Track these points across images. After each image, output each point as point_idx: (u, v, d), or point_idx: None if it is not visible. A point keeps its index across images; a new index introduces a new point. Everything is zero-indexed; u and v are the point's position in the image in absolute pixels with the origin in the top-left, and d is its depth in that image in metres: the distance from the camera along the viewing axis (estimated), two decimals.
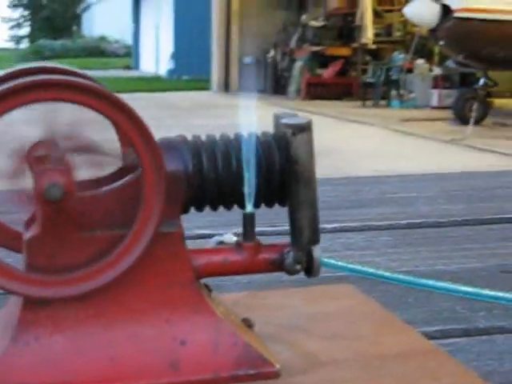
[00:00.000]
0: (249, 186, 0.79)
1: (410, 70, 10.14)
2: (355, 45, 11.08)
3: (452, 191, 1.78)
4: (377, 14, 11.28)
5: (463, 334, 0.95)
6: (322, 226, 0.81)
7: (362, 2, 10.99)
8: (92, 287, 0.75)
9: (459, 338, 0.95)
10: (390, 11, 11.49)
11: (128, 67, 14.90)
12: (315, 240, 0.79)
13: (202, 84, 12.15)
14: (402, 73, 10.33)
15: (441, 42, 9.19)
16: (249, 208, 0.80)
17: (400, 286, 1.10)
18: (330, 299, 1.01)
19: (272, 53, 11.66)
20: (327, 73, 10.98)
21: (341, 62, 11.16)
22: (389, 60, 10.72)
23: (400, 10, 11.29)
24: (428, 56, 10.80)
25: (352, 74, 11.15)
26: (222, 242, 0.88)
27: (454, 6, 8.65)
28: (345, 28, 11.42)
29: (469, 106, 8.08)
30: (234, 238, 0.87)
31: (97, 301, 0.77)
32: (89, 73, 0.84)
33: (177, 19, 12.98)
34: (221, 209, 0.83)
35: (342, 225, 1.47)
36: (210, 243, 0.89)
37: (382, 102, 10.07)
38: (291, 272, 0.80)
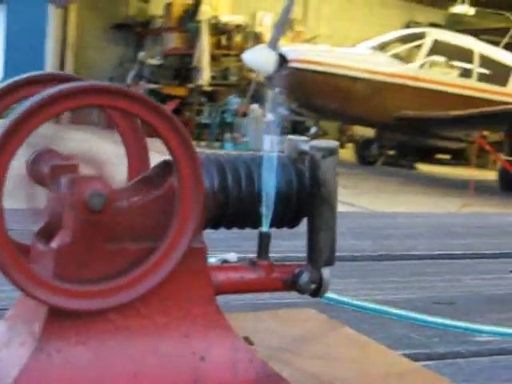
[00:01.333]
0: (267, 206, 0.81)
1: (244, 114, 10.40)
2: (191, 85, 11.24)
3: (354, 228, 1.86)
4: (214, 57, 11.51)
5: (427, 358, 1.01)
6: None
7: (199, 45, 11.18)
8: (122, 300, 0.74)
9: (425, 361, 1.00)
10: (227, 55, 11.77)
11: None
12: (332, 261, 0.82)
13: None
14: (236, 116, 10.57)
15: (276, 90, 9.52)
16: (265, 227, 0.82)
17: (350, 313, 1.14)
18: (301, 322, 1.03)
19: None
20: None
21: (176, 101, 11.26)
22: (224, 103, 10.95)
23: (237, 55, 11.62)
24: (262, 101, 11.12)
25: (187, 114, 11.28)
26: (225, 261, 0.89)
27: (290, 56, 9.02)
28: (182, 68, 11.56)
29: None
30: (236, 257, 0.88)
31: (120, 314, 0.75)
32: None
33: (8, 47, 12.58)
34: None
35: None
36: (213, 262, 0.90)
37: (216, 144, 10.22)
38: (304, 291, 0.82)
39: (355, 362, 0.91)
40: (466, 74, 9.69)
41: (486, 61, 9.65)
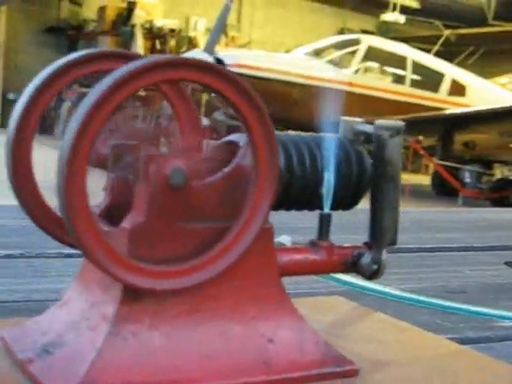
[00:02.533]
0: (328, 187, 0.80)
1: None
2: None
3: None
4: None
5: (461, 343, 1.01)
6: None
7: (133, 48, 11.10)
8: (197, 281, 0.72)
9: (461, 345, 1.00)
10: None
11: None
12: (395, 241, 0.82)
13: None
14: (171, 121, 10.51)
15: (213, 94, 9.49)
16: (326, 208, 0.81)
17: (371, 300, 1.15)
18: (333, 309, 1.03)
19: None
20: None
21: None
22: (159, 107, 10.88)
23: None
24: (196, 106, 11.09)
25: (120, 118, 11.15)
26: (281, 244, 0.87)
27: (226, 61, 9.02)
28: None
29: None
30: (289, 239, 0.87)
31: (191, 296, 0.74)
32: None
33: None
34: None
35: None
36: None
37: None
38: (367, 272, 0.82)
39: (401, 344, 0.91)
40: (399, 80, 9.86)
41: (418, 67, 9.83)
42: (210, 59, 8.95)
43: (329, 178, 0.80)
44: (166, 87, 0.84)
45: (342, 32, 12.95)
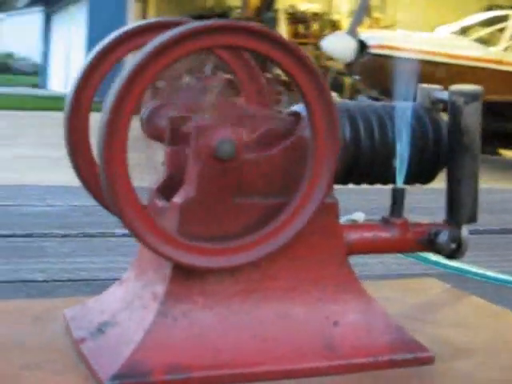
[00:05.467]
0: (401, 160, 0.74)
1: None
2: (268, 75, 11.16)
3: None
4: None
5: None
6: None
7: None
8: (251, 259, 0.68)
9: None
10: (305, 44, 11.63)
11: (36, 85, 14.37)
12: (474, 217, 0.75)
13: None
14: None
15: (356, 77, 9.37)
16: (399, 182, 0.75)
17: (471, 284, 1.07)
18: (424, 291, 0.97)
19: None
20: None
21: None
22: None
23: (314, 44, 11.49)
24: (340, 90, 10.96)
25: None
26: (353, 221, 0.82)
27: (370, 42, 8.84)
28: (257, 59, 11.51)
29: None
30: (363, 216, 0.82)
31: (248, 275, 0.70)
32: None
33: (90, 40, 12.75)
34: None
35: None
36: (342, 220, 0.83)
37: None
38: (445, 251, 0.75)
39: (492, 329, 0.84)
40: None
41: None
42: (352, 41, 8.82)
43: (402, 149, 0.74)
44: (228, 56, 0.80)
45: (489, 9, 12.43)
